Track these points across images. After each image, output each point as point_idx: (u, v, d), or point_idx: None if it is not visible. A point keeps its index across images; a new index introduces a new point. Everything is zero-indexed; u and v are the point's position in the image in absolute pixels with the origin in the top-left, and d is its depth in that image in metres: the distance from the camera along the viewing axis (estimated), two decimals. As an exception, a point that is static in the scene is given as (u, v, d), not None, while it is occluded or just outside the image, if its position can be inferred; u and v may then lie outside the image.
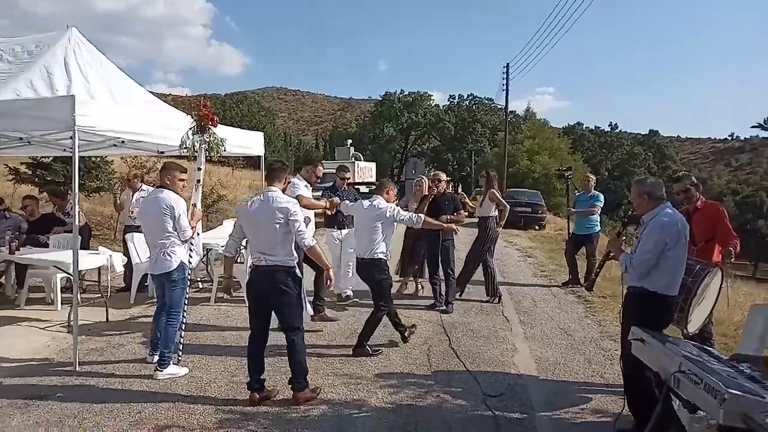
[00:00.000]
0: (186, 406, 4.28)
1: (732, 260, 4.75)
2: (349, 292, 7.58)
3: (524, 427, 4.05)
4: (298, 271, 4.43)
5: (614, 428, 3.82)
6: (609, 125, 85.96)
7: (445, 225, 6.46)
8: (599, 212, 9.26)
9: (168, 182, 4.98)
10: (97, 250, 7.24)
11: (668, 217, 3.70)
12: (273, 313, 4.41)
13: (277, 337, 4.59)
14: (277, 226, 4.26)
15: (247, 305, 4.51)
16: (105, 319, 6.52)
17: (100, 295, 6.87)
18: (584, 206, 9.22)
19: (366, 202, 5.80)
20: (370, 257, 5.51)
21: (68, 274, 6.55)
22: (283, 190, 4.56)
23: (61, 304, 7.04)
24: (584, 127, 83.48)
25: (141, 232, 7.91)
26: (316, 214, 7.12)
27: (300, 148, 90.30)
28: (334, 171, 7.95)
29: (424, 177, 8.47)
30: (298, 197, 5.72)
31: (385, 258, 5.59)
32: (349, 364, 5.25)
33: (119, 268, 7.26)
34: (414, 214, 5.97)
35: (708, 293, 4.26)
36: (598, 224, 9.36)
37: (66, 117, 4.95)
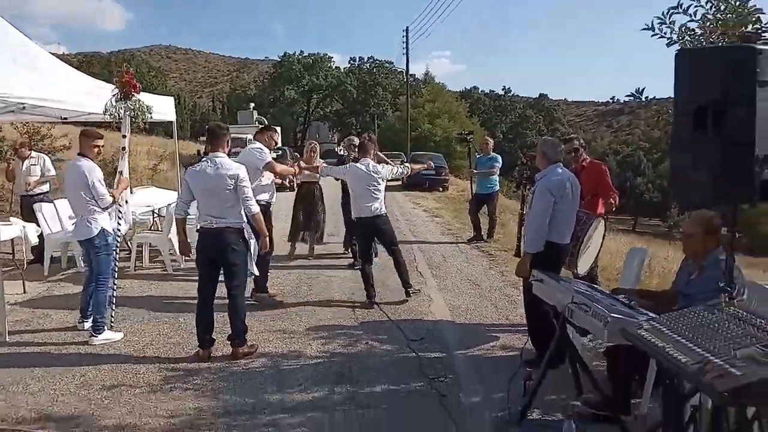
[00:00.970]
0: (128, 366, 4.48)
1: (612, 210, 5.57)
2: None
3: (444, 364, 4.62)
4: (246, 232, 4.68)
5: (520, 359, 4.46)
6: (503, 89, 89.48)
7: (292, 169, 6.96)
8: (498, 173, 10.06)
9: (85, 150, 5.00)
10: (8, 221, 6.99)
11: (557, 176, 4.33)
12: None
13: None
14: (228, 191, 4.52)
15: (197, 266, 4.74)
16: (22, 291, 6.41)
17: (15, 266, 6.70)
18: (484, 168, 10.00)
19: (362, 167, 6.22)
20: (378, 214, 6.15)
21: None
22: (229, 154, 4.79)
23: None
24: (480, 91, 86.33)
25: (41, 202, 7.78)
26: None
27: (195, 111, 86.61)
28: (241, 135, 7.98)
29: (315, 142, 8.80)
30: (269, 163, 5.99)
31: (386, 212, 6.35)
32: (280, 320, 5.61)
33: (34, 239, 7.08)
34: (402, 167, 6.85)
35: (593, 240, 4.99)
36: (497, 184, 10.19)
37: (-25, 84, 4.80)
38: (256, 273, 5.03)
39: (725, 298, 2.59)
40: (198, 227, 4.72)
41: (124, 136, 5.58)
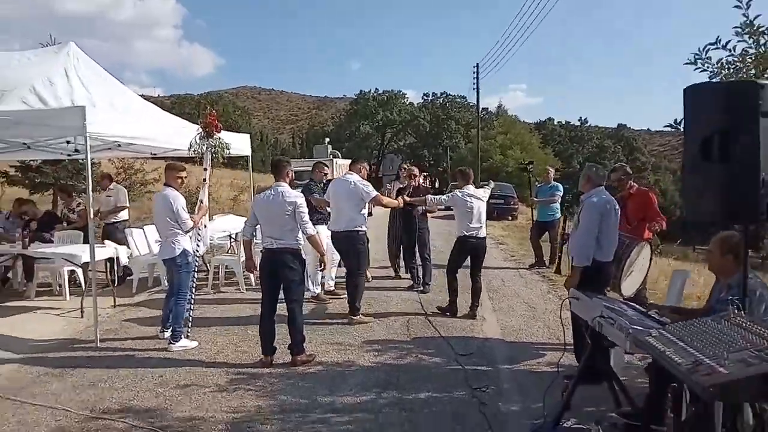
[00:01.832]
0: (201, 369, 4.98)
1: (655, 232, 5.65)
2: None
3: (489, 376, 4.83)
4: (302, 253, 5.21)
5: (557, 372, 4.59)
6: (579, 120, 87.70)
7: (397, 202, 7.33)
8: (559, 200, 10.13)
9: (170, 180, 5.66)
10: (103, 243, 7.83)
11: (596, 196, 4.58)
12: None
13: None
14: (287, 216, 5.05)
15: (260, 283, 5.26)
16: (113, 305, 7.16)
17: (107, 284, 7.49)
18: (545, 196, 10.12)
19: (466, 192, 6.73)
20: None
21: (77, 266, 7.18)
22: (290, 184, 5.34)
23: (69, 294, 7.65)
24: (555, 122, 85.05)
25: (119, 228, 8.62)
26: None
27: (276, 147, 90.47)
28: (310, 169, 8.57)
29: (413, 167, 9.24)
30: (376, 197, 6.62)
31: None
32: (338, 334, 5.99)
33: (124, 260, 7.89)
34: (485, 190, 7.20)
35: (638, 263, 5.09)
36: (559, 211, 10.23)
37: (78, 125, 5.54)
38: (314, 290, 5.48)
39: (733, 309, 2.74)
40: (262, 248, 5.23)
41: (206, 170, 6.21)
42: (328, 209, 7.31)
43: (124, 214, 9.20)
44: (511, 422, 3.97)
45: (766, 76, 4.34)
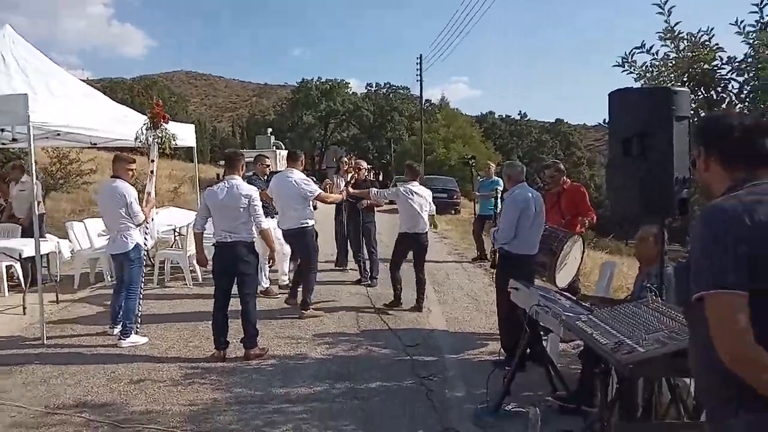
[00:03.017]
0: (153, 365, 5.04)
1: (584, 228, 6.11)
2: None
3: (435, 366, 5.11)
4: (256, 246, 5.32)
5: (498, 358, 4.90)
6: (518, 114, 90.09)
7: (339, 196, 7.59)
8: (499, 195, 10.55)
9: (121, 172, 5.63)
10: (44, 237, 7.64)
11: (518, 190, 5.02)
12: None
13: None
14: (241, 209, 5.14)
15: (213, 276, 5.37)
16: (56, 301, 7.03)
17: (50, 279, 7.33)
18: (487, 190, 10.52)
19: (413, 188, 6.92)
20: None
21: (15, 259, 7.00)
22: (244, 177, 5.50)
23: (8, 290, 7.45)
24: (496, 115, 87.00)
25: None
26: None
27: (215, 136, 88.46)
28: (252, 160, 8.59)
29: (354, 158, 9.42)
30: (319, 195, 6.75)
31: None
32: (290, 328, 6.14)
33: (67, 254, 7.73)
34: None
35: (571, 256, 5.49)
36: (500, 206, 10.67)
37: (21, 113, 5.41)
38: (264, 284, 5.59)
39: (651, 296, 3.10)
40: (214, 242, 5.30)
41: (152, 161, 6.21)
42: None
43: (40, 208, 8.85)
44: (457, 407, 4.26)
45: (683, 79, 4.75)
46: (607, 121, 4.83)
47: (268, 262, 5.77)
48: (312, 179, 7.30)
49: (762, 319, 1.49)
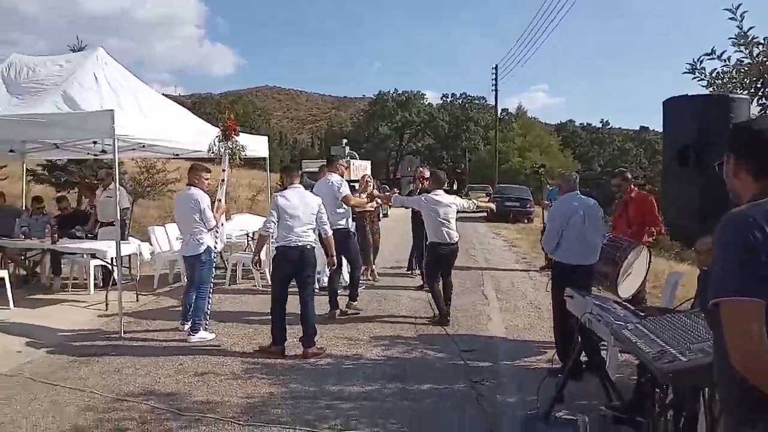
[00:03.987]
0: (217, 359, 5.31)
1: (653, 238, 5.86)
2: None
3: (489, 370, 5.08)
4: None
5: (552, 366, 4.81)
6: (600, 121, 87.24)
7: (364, 200, 7.68)
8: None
9: (196, 181, 5.99)
10: (127, 240, 8.21)
11: (564, 202, 4.94)
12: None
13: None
14: (313, 215, 5.46)
15: (274, 277, 5.63)
16: (135, 299, 7.53)
17: (131, 279, 7.86)
18: (556, 199, 10.27)
19: (435, 197, 6.61)
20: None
21: (105, 262, 7.56)
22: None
23: (94, 288, 8.04)
24: (576, 123, 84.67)
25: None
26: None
27: (296, 147, 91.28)
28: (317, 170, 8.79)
29: (369, 175, 9.51)
30: (345, 196, 6.92)
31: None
32: (348, 330, 6.28)
33: (147, 256, 8.26)
34: (468, 202, 7.36)
35: (636, 266, 5.29)
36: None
37: (107, 127, 5.89)
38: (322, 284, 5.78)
39: (702, 305, 2.97)
40: (278, 245, 5.52)
41: (224, 170, 6.54)
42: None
43: (124, 213, 9.37)
44: (507, 413, 4.22)
45: (757, 85, 4.51)
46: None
47: (329, 267, 5.96)
48: (386, 188, 7.53)
49: None
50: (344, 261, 7.20)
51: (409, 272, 9.49)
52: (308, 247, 5.46)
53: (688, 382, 2.54)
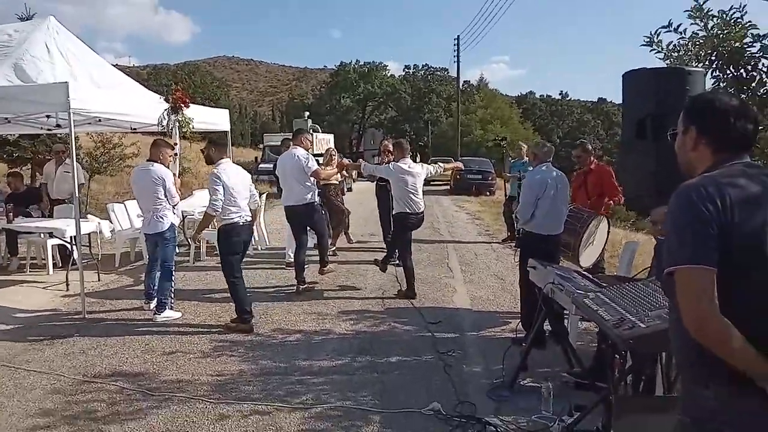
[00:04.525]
0: (185, 338, 5.29)
1: (609, 209, 6.06)
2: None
3: (455, 342, 5.20)
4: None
5: (516, 335, 4.97)
6: (559, 93, 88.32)
7: (334, 171, 7.87)
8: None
9: (160, 157, 5.86)
10: (86, 218, 8.01)
11: (538, 173, 4.98)
12: None
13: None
14: (247, 189, 5.72)
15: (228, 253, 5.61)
16: (97, 279, 7.38)
17: (91, 258, 7.68)
18: (518, 171, 10.43)
19: (403, 166, 6.55)
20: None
21: (64, 241, 7.36)
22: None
23: (53, 268, 7.85)
24: (536, 95, 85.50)
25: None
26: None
27: (256, 120, 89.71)
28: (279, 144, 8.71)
29: (333, 148, 9.49)
30: (315, 171, 6.90)
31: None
32: (316, 305, 6.32)
33: (107, 234, 8.09)
34: (435, 166, 7.34)
35: (597, 236, 5.47)
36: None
37: (62, 101, 5.68)
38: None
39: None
40: (230, 222, 5.49)
41: (175, 144, 6.43)
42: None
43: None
44: (473, 382, 4.34)
45: (711, 57, 4.64)
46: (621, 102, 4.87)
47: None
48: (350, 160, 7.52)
49: (728, 296, 1.54)
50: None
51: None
52: (250, 221, 5.68)
53: (647, 347, 2.67)
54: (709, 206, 1.59)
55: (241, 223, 5.46)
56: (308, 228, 7.11)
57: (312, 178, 6.86)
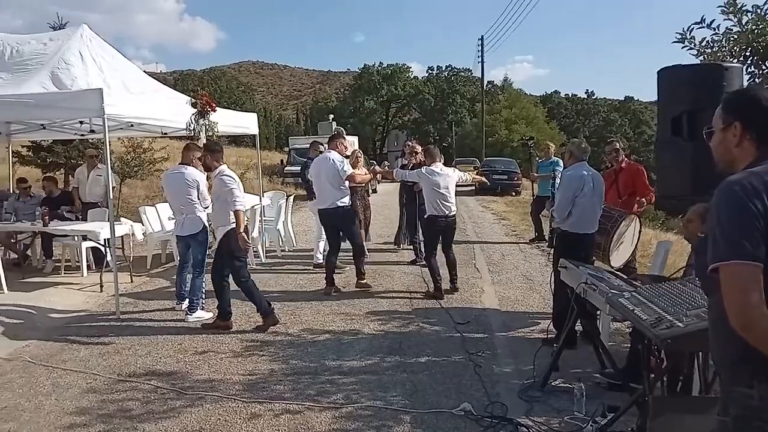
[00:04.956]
0: (216, 337, 5.35)
1: (643, 208, 5.95)
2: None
3: (485, 342, 5.18)
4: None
5: (547, 336, 4.91)
6: (585, 92, 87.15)
7: (369, 176, 7.90)
8: (559, 176, 10.37)
9: (192, 159, 5.96)
10: (119, 221, 8.16)
11: (573, 170, 4.91)
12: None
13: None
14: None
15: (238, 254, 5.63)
16: (130, 280, 7.53)
17: (124, 260, 7.83)
18: (545, 171, 10.37)
19: (436, 170, 6.71)
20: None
21: (98, 243, 7.51)
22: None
23: (86, 270, 8.02)
24: (562, 94, 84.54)
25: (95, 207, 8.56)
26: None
27: (280, 124, 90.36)
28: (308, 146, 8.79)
29: (359, 150, 9.46)
30: (350, 175, 6.98)
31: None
32: (344, 306, 6.34)
33: (140, 236, 8.24)
34: (466, 174, 7.42)
35: (627, 236, 5.38)
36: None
37: (97, 107, 5.80)
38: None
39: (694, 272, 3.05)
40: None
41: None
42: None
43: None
44: (503, 382, 4.31)
45: (746, 53, 4.55)
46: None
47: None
48: (373, 163, 7.57)
49: None
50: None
51: (396, 247, 9.55)
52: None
53: (685, 347, 2.63)
54: (756, 201, 1.56)
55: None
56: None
57: (346, 182, 6.91)
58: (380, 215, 10.81)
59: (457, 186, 6.99)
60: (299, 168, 8.46)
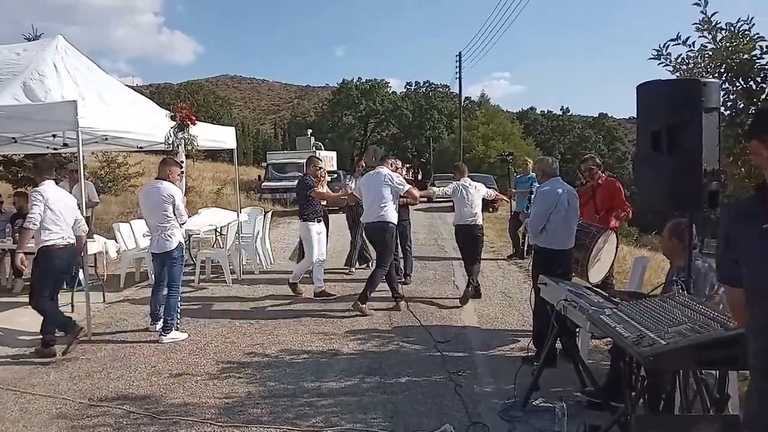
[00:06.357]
0: (192, 359, 5.23)
1: (618, 223, 6.02)
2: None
3: (465, 361, 5.13)
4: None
5: (527, 354, 4.88)
6: (561, 109, 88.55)
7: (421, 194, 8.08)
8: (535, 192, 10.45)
9: (168, 174, 5.85)
10: (92, 238, 7.97)
11: (549, 186, 4.95)
12: None
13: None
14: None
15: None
16: (102, 300, 7.34)
17: (96, 278, 7.64)
18: (524, 187, 10.43)
19: (466, 184, 7.38)
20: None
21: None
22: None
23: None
24: (537, 111, 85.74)
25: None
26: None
27: (258, 138, 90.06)
28: (298, 161, 8.76)
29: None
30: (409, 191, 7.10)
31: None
32: (323, 325, 6.25)
33: (113, 254, 8.05)
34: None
35: (605, 252, 5.41)
36: (537, 203, 10.58)
37: (70, 119, 5.67)
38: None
39: (677, 289, 3.05)
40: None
41: (182, 162, 6.42)
42: (323, 203, 7.73)
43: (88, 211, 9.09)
44: (484, 402, 4.27)
45: (720, 69, 4.63)
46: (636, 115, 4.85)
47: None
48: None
49: None
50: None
51: (347, 269, 9.35)
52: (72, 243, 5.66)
53: (668, 365, 2.61)
54: None
55: (61, 245, 5.43)
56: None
57: (396, 199, 6.94)
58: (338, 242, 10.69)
59: (432, 201, 7.39)
60: (277, 184, 8.35)
